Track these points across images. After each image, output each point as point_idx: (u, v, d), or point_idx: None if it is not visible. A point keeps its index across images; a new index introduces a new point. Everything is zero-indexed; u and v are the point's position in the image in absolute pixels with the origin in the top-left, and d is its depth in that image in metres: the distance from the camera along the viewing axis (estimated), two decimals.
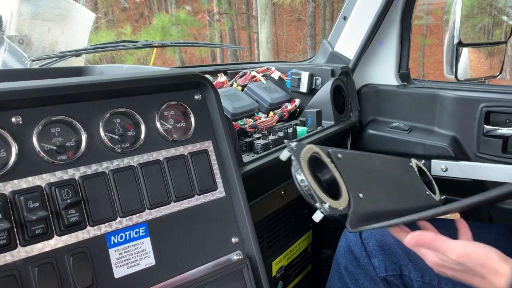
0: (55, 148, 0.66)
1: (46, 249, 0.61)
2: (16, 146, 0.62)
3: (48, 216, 0.62)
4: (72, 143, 0.68)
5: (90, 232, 0.66)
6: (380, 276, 1.11)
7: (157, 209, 0.74)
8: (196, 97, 0.83)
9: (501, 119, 1.30)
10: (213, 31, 11.69)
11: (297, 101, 1.44)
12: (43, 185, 0.63)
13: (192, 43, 2.00)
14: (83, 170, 0.67)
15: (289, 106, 1.41)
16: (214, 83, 1.33)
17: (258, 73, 1.48)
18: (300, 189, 0.82)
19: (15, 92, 0.61)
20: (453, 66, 1.35)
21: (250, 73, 1.47)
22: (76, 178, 0.66)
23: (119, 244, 0.68)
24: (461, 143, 1.38)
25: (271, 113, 1.36)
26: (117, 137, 0.72)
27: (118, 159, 0.71)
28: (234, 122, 1.16)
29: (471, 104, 1.34)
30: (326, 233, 1.69)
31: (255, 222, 0.85)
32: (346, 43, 1.59)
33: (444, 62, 1.38)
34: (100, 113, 0.71)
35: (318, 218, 0.80)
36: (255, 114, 1.31)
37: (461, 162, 1.37)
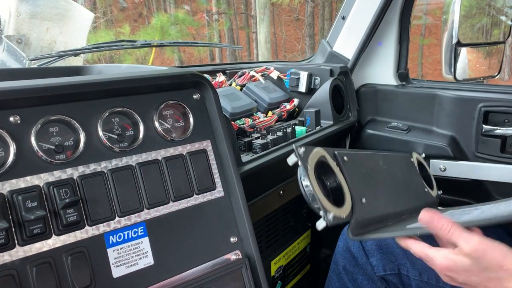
0: (53, 147, 0.65)
1: (44, 249, 0.61)
2: (14, 146, 0.61)
3: (46, 216, 0.62)
4: (71, 143, 0.67)
5: (89, 231, 0.66)
6: (378, 275, 1.11)
7: (156, 208, 0.73)
8: (195, 97, 0.83)
9: (500, 119, 1.31)
10: (212, 31, 11.69)
11: (296, 101, 1.44)
12: (41, 185, 0.63)
13: (191, 42, 2.00)
14: (82, 169, 0.67)
15: (288, 106, 1.41)
16: (213, 82, 1.33)
17: (257, 72, 1.48)
18: (305, 194, 0.82)
19: (13, 92, 0.61)
20: (452, 66, 1.35)
21: (249, 72, 1.47)
22: (75, 178, 0.66)
23: (117, 243, 0.68)
24: (460, 143, 1.38)
25: (270, 113, 1.36)
26: (115, 136, 0.72)
27: (117, 158, 0.71)
28: (233, 122, 1.16)
29: (469, 104, 1.34)
30: (324, 233, 1.68)
31: (253, 222, 0.85)
32: (345, 43, 1.59)
33: (442, 62, 1.38)
34: (98, 113, 0.71)
35: (321, 227, 0.79)
36: (254, 113, 1.31)
37: (459, 162, 1.37)
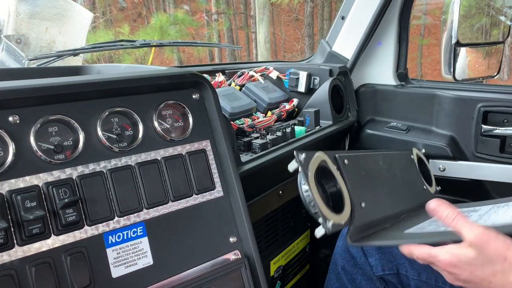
0: (52, 147, 0.65)
1: (44, 249, 0.61)
2: (13, 146, 0.61)
3: (46, 216, 0.62)
4: (70, 143, 0.67)
5: (88, 231, 0.66)
6: (377, 275, 1.11)
7: (155, 208, 0.73)
8: (194, 97, 0.83)
9: (499, 119, 1.31)
10: (211, 30, 11.69)
11: (295, 101, 1.44)
12: (40, 185, 0.63)
13: (190, 42, 1.99)
14: (81, 169, 0.67)
15: (287, 106, 1.41)
16: (212, 82, 1.33)
17: (256, 72, 1.48)
18: (304, 200, 0.81)
19: (12, 91, 0.61)
20: (451, 66, 1.36)
21: (248, 72, 1.47)
22: (74, 178, 0.66)
23: (116, 243, 0.68)
24: (459, 143, 1.38)
25: (269, 113, 1.36)
26: (114, 136, 0.72)
27: (116, 158, 0.71)
28: (232, 122, 1.16)
29: (469, 104, 1.34)
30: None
31: (253, 222, 0.85)
32: (344, 43, 1.59)
33: (442, 62, 1.38)
34: (97, 113, 0.71)
35: (319, 234, 0.78)
36: (253, 113, 1.31)
37: (459, 162, 1.37)
